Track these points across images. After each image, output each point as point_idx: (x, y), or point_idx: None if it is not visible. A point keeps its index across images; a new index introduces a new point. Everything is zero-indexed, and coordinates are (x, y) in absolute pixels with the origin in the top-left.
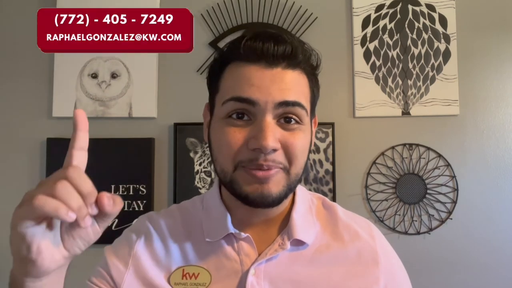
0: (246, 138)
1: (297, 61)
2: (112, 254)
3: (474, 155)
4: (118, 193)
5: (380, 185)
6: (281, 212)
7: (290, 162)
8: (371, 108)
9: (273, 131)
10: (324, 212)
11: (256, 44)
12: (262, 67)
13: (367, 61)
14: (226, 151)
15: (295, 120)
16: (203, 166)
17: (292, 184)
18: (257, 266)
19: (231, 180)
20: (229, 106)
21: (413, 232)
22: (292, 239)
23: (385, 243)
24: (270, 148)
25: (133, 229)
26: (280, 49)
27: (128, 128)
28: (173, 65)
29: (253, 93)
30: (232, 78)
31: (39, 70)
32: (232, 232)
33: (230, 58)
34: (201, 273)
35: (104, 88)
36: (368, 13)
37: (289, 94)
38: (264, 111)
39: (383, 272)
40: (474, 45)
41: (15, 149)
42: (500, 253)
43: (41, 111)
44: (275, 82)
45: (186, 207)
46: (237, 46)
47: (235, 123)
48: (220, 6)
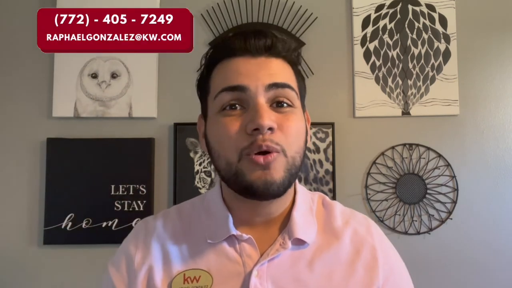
0: (243, 124)
1: (278, 51)
2: (115, 271)
3: (474, 155)
4: (118, 193)
5: (380, 185)
6: (282, 212)
7: (286, 143)
8: (371, 108)
9: (268, 112)
10: (323, 211)
11: (239, 39)
12: (247, 58)
13: (367, 61)
14: (227, 140)
15: (287, 104)
16: (203, 166)
17: (292, 169)
18: (259, 267)
19: (236, 172)
20: (221, 98)
21: (413, 232)
22: (293, 238)
23: (383, 239)
24: (267, 125)
25: (130, 240)
26: (261, 42)
27: (128, 128)
28: (173, 65)
29: (242, 80)
30: (221, 73)
31: (39, 70)
32: (234, 234)
33: (217, 58)
34: (202, 276)
35: (104, 88)
36: (368, 13)
37: (276, 77)
38: (255, 94)
39: (382, 268)
40: (474, 45)
41: (15, 149)
42: (500, 253)
43: (41, 111)
44: (261, 68)
45: (185, 209)
46: (221, 45)
47: (230, 113)
48: (220, 6)
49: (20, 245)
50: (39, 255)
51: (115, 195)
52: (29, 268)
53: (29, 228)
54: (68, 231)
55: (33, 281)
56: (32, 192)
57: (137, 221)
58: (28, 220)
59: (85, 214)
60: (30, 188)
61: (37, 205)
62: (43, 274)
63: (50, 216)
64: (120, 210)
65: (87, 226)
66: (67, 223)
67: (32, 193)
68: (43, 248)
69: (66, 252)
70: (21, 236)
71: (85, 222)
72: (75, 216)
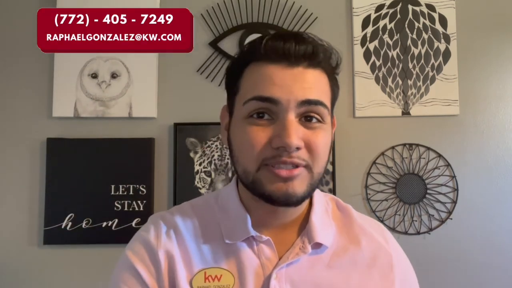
0: (269, 137)
1: (318, 61)
2: (137, 259)
3: (474, 155)
4: (118, 193)
5: (380, 185)
6: (299, 215)
7: (313, 160)
8: (371, 108)
9: (297, 129)
10: (339, 214)
11: (277, 43)
12: (284, 67)
13: (367, 61)
14: (249, 150)
15: (317, 119)
16: (203, 166)
17: (314, 184)
18: (278, 271)
19: (253, 181)
20: (251, 105)
21: (413, 232)
22: (313, 243)
23: (397, 246)
24: (294, 146)
25: (149, 232)
26: (302, 49)
27: (128, 128)
28: (173, 65)
29: (275, 92)
30: (253, 78)
31: (39, 70)
32: (253, 235)
33: (250, 58)
34: (224, 275)
35: (104, 88)
36: (368, 13)
37: (311, 93)
38: (286, 109)
39: (398, 275)
40: (474, 45)
41: (15, 149)
42: (500, 253)
43: (41, 111)
44: (297, 81)
45: (199, 206)
46: (258, 46)
47: (257, 122)
48: (220, 6)
49: (20, 245)
50: (39, 255)
51: (115, 195)
52: (29, 268)
53: (29, 228)
54: (68, 231)
55: (33, 281)
56: (32, 192)
57: (137, 221)
58: (28, 220)
59: (85, 214)
60: (30, 188)
61: (37, 205)
62: (43, 274)
63: (50, 216)
64: (120, 210)
65: (87, 226)
66: (67, 223)
67: (32, 193)
68: (43, 248)
69: (66, 252)
70: (21, 236)
71: (85, 222)
72: (75, 216)
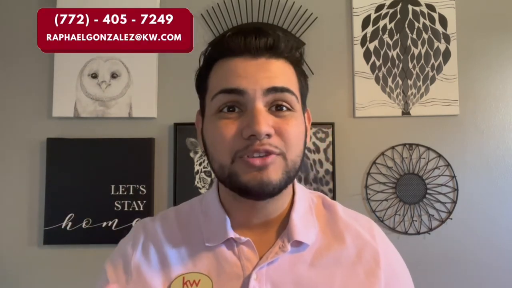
0: (239, 128)
1: (280, 51)
2: (112, 269)
3: (474, 155)
4: (118, 193)
5: (380, 185)
6: (280, 213)
7: (286, 148)
8: (371, 108)
9: (265, 117)
10: (324, 212)
11: (239, 38)
12: (246, 59)
13: (367, 61)
14: (221, 144)
15: (286, 107)
16: (203, 166)
17: (290, 172)
18: (258, 271)
19: (229, 174)
20: (218, 99)
21: (413, 232)
22: (292, 241)
23: (386, 241)
24: (264, 132)
25: (128, 241)
26: (262, 41)
27: (128, 128)
28: (173, 65)
29: (240, 83)
30: (219, 74)
31: (39, 70)
32: (232, 237)
33: (215, 56)
34: (202, 280)
35: (104, 88)
36: (368, 13)
37: (276, 81)
38: (253, 99)
39: (385, 272)
40: (474, 45)
41: (15, 149)
42: (500, 253)
43: (41, 111)
44: (260, 70)
45: (183, 211)
46: (220, 43)
47: (227, 116)
48: (220, 6)
49: (20, 245)
50: (39, 255)
51: (115, 195)
52: (29, 268)
53: (29, 228)
54: (68, 231)
55: (33, 281)
56: (32, 192)
57: (137, 221)
58: (28, 220)
59: (85, 214)
60: (30, 188)
61: (37, 205)
62: (43, 274)
63: (50, 216)
64: (120, 210)
65: (87, 226)
66: (67, 223)
67: (32, 193)
68: (43, 248)
69: (66, 252)
70: (21, 236)
71: (85, 222)
72: (75, 216)
